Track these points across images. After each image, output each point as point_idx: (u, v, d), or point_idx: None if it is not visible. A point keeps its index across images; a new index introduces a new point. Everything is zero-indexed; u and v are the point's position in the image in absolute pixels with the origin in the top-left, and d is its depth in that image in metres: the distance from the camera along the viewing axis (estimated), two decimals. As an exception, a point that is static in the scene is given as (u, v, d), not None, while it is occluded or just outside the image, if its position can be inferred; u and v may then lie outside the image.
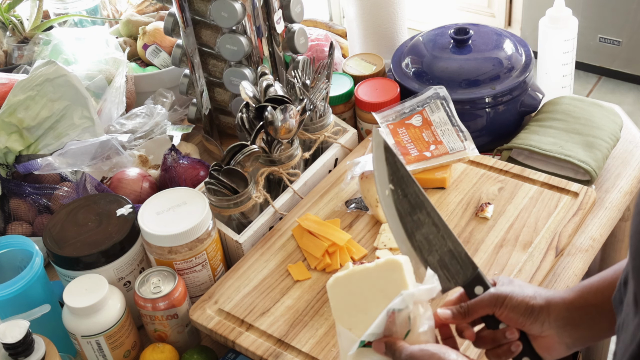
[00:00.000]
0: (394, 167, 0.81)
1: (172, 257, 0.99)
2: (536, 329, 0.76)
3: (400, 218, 0.81)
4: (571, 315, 0.76)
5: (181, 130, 1.30)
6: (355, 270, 0.77)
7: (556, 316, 0.76)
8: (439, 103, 1.19)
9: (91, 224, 1.00)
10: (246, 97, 1.09)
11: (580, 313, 0.76)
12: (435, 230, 0.80)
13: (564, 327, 0.76)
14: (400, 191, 0.81)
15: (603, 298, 0.74)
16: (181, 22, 1.20)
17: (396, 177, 0.81)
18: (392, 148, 0.82)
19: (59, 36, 1.40)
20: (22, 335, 0.84)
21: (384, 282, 0.76)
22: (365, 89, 1.28)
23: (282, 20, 1.22)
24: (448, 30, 1.34)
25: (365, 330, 0.75)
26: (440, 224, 0.80)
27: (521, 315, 0.76)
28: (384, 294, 0.75)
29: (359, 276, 0.77)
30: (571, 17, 1.32)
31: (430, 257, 0.80)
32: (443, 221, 0.81)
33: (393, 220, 0.81)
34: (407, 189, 0.81)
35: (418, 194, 0.81)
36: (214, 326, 0.97)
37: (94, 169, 1.18)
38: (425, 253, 0.81)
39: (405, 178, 0.81)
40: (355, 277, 0.77)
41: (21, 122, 1.18)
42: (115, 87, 1.30)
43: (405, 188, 0.81)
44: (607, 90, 2.94)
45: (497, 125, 1.28)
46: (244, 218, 1.09)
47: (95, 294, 0.93)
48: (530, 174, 1.13)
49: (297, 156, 1.14)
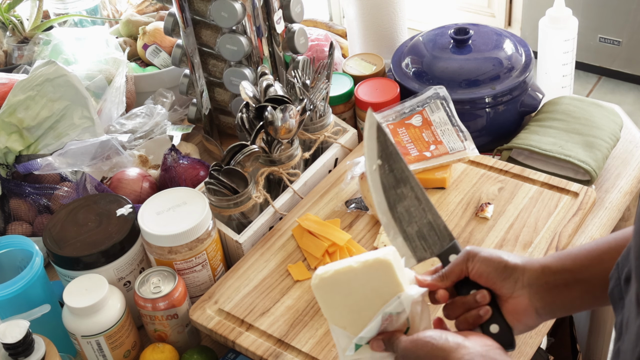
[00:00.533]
0: (384, 145, 0.82)
1: (172, 257, 0.99)
2: (507, 288, 0.76)
3: (384, 191, 0.82)
4: (545, 277, 0.75)
5: (181, 130, 1.30)
6: (340, 271, 0.76)
7: (530, 276, 0.76)
8: (439, 103, 1.19)
9: (91, 224, 1.00)
10: (246, 97, 1.10)
11: (555, 277, 0.75)
12: (417, 203, 0.82)
13: (537, 288, 0.75)
14: (387, 166, 0.82)
15: (581, 266, 0.75)
16: (181, 22, 1.20)
17: (385, 153, 0.82)
18: (384, 128, 0.83)
19: (59, 36, 1.40)
20: (22, 335, 0.84)
21: (374, 282, 0.75)
22: (365, 89, 1.28)
23: (282, 20, 1.22)
24: (448, 30, 1.34)
25: (360, 329, 0.75)
26: (422, 198, 0.82)
27: (494, 270, 0.76)
28: (376, 294, 0.75)
29: (345, 277, 0.76)
30: (571, 17, 1.32)
31: (409, 228, 0.81)
32: (426, 196, 0.82)
33: (377, 192, 0.82)
34: (394, 165, 0.82)
35: (404, 170, 0.82)
36: (214, 326, 0.97)
37: (94, 169, 1.18)
38: (405, 224, 0.82)
39: (393, 155, 0.82)
40: (342, 278, 0.76)
41: (21, 122, 1.18)
42: (115, 87, 1.30)
43: (393, 164, 0.82)
44: (607, 90, 2.94)
45: (497, 125, 1.28)
46: (244, 218, 1.09)
47: (95, 294, 0.93)
48: (530, 174, 1.13)
49: (297, 156, 1.14)
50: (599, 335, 1.54)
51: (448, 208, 1.10)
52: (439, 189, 1.13)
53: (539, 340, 0.98)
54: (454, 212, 1.09)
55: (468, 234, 1.05)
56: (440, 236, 0.81)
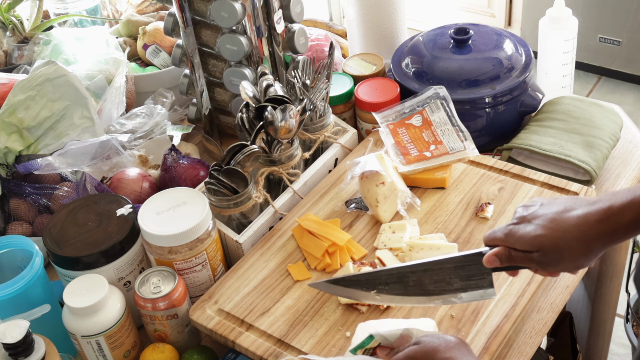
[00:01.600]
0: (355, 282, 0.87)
1: (172, 257, 0.99)
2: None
3: (408, 295, 0.86)
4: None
5: (181, 130, 1.30)
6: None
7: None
8: (439, 103, 1.19)
9: (91, 224, 1.00)
10: (246, 97, 1.09)
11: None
12: (430, 272, 0.84)
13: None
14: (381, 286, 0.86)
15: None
16: (181, 22, 1.20)
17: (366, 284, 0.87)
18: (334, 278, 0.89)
19: (59, 36, 1.40)
20: (22, 335, 0.84)
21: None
22: (365, 89, 1.28)
23: (282, 20, 1.22)
24: (448, 30, 1.34)
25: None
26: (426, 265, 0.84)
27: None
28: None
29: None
30: (571, 17, 1.32)
31: (455, 285, 0.84)
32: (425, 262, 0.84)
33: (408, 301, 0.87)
34: (381, 279, 0.86)
35: (390, 273, 0.86)
36: (214, 326, 0.97)
37: (94, 169, 1.18)
38: (449, 288, 0.84)
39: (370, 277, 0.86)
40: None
41: (21, 122, 1.18)
42: (115, 87, 1.30)
43: (380, 280, 0.86)
44: (607, 90, 2.94)
45: (497, 125, 1.28)
46: (244, 218, 1.09)
47: (95, 294, 0.93)
48: (530, 174, 1.13)
49: (297, 156, 1.14)
50: (599, 335, 1.54)
51: (448, 208, 1.10)
52: (439, 189, 1.13)
53: (539, 340, 0.98)
54: (454, 212, 1.09)
55: (468, 234, 1.05)
56: (474, 261, 0.82)
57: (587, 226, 0.76)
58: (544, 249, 0.78)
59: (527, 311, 0.99)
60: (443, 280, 0.84)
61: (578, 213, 0.77)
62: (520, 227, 0.80)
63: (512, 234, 0.80)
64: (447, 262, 0.83)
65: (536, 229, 0.78)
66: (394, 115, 1.21)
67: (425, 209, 1.10)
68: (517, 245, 0.79)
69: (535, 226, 0.78)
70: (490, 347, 0.90)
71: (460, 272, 0.83)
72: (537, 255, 0.78)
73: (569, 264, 0.78)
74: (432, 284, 0.84)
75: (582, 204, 0.78)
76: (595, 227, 0.76)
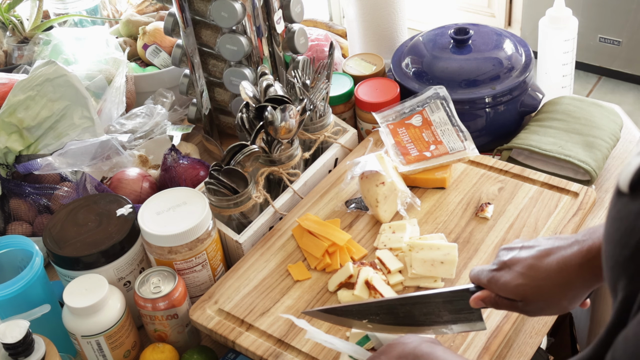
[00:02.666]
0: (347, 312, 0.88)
1: (172, 257, 0.99)
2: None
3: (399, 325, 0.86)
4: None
5: (181, 130, 1.30)
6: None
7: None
8: (439, 103, 1.19)
9: (91, 224, 1.00)
10: (246, 97, 1.09)
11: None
12: (419, 305, 0.85)
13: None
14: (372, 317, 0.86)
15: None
16: (181, 22, 1.20)
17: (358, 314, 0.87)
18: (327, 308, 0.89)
19: (59, 36, 1.40)
20: (22, 335, 0.84)
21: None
22: (365, 89, 1.28)
23: (282, 20, 1.22)
24: (448, 30, 1.34)
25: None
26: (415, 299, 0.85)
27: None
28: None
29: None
30: (571, 17, 1.32)
31: (445, 317, 0.84)
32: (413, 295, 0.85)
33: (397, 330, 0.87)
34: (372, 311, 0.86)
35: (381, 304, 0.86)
36: (214, 326, 0.97)
37: (94, 169, 1.18)
38: (439, 320, 0.84)
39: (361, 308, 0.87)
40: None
41: (21, 122, 1.18)
42: (115, 87, 1.30)
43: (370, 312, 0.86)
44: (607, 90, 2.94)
45: (497, 125, 1.28)
46: (244, 218, 1.09)
47: (95, 294, 0.93)
48: (530, 174, 1.13)
49: (297, 156, 1.14)
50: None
51: (448, 208, 1.10)
52: (439, 189, 1.13)
53: (539, 340, 0.98)
54: (454, 212, 1.09)
55: (468, 234, 1.05)
56: (463, 297, 0.82)
57: (568, 272, 0.73)
58: (526, 299, 0.76)
59: (527, 311, 0.99)
60: (433, 313, 0.84)
61: (558, 258, 0.74)
62: (502, 275, 0.78)
63: (494, 282, 0.78)
64: (435, 297, 0.84)
65: (517, 278, 0.76)
66: (394, 115, 1.21)
67: (425, 209, 1.10)
68: (501, 292, 0.78)
69: (515, 274, 0.76)
70: (491, 347, 0.90)
71: (449, 306, 0.83)
72: (521, 305, 0.77)
73: (554, 309, 0.76)
74: (422, 316, 0.84)
75: (561, 246, 0.75)
76: (577, 271, 0.73)
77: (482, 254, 1.02)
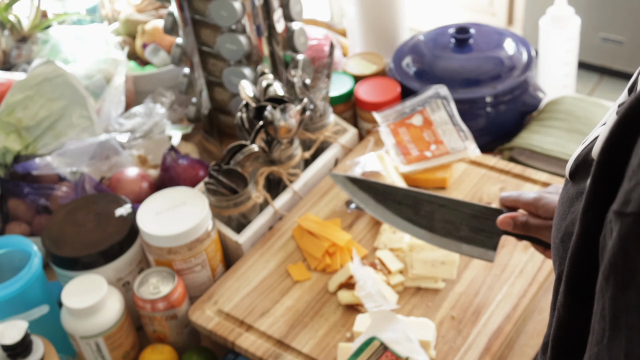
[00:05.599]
0: (372, 189, 0.83)
1: (172, 258, 0.98)
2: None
3: (412, 222, 0.82)
4: None
5: (180, 130, 1.29)
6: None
7: None
8: (439, 102, 1.18)
9: (90, 224, 1.00)
10: (246, 97, 1.09)
11: None
12: (446, 210, 0.82)
13: None
14: (391, 203, 0.82)
15: None
16: (180, 21, 1.19)
17: (379, 195, 0.82)
18: (355, 177, 0.84)
19: (57, 35, 1.39)
20: (20, 336, 0.84)
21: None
22: (365, 88, 1.27)
23: (282, 19, 1.21)
24: (449, 29, 1.33)
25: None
26: (445, 202, 0.82)
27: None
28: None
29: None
30: (573, 16, 1.31)
31: (462, 233, 0.82)
32: (445, 197, 0.82)
33: (409, 228, 0.83)
34: (396, 197, 0.82)
35: (408, 194, 0.82)
36: (214, 327, 0.97)
37: (92, 169, 1.18)
38: (455, 232, 0.82)
39: (387, 190, 0.82)
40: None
41: (19, 122, 1.18)
42: (114, 87, 1.29)
43: (394, 197, 0.82)
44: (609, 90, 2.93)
45: (498, 124, 1.27)
46: (244, 218, 1.09)
47: (94, 295, 0.93)
48: (532, 174, 1.13)
49: (297, 156, 1.14)
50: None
51: (449, 208, 1.09)
52: (439, 189, 1.13)
53: (540, 341, 0.98)
54: (454, 212, 1.09)
55: (469, 234, 1.05)
56: (491, 216, 0.80)
57: None
58: None
59: (528, 312, 0.98)
60: (452, 223, 0.82)
61: None
62: (552, 195, 0.78)
63: (541, 198, 0.78)
64: (465, 206, 0.82)
65: None
66: (395, 115, 1.20)
67: (426, 209, 1.10)
68: (541, 211, 0.78)
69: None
70: (492, 348, 0.89)
71: (472, 222, 0.81)
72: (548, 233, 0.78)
73: None
74: (440, 222, 0.82)
75: None
76: None
77: (483, 254, 1.01)
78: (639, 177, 0.40)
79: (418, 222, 0.83)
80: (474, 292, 0.96)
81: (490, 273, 0.98)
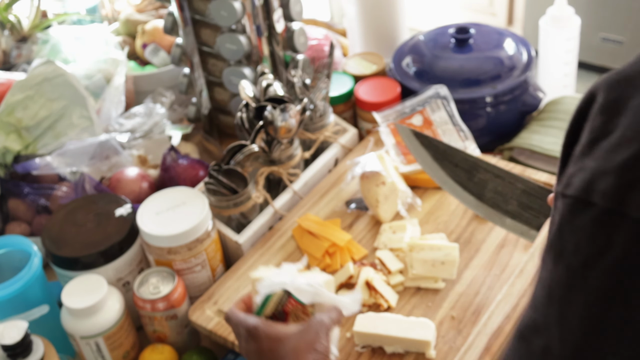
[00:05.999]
0: (433, 147, 0.82)
1: (172, 258, 0.98)
2: None
3: (463, 187, 0.81)
4: None
5: (180, 130, 1.29)
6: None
7: None
8: (439, 102, 1.18)
9: (90, 224, 1.00)
10: (246, 97, 1.09)
11: None
12: (500, 181, 0.81)
13: None
14: (448, 164, 0.81)
15: None
16: (180, 21, 1.19)
17: (438, 154, 0.81)
18: (420, 133, 0.83)
19: (57, 35, 1.39)
20: (20, 336, 0.84)
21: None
22: (365, 88, 1.27)
23: (282, 19, 1.21)
24: (449, 29, 1.33)
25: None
26: (502, 173, 0.81)
27: None
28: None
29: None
30: (573, 16, 1.31)
31: (510, 207, 0.81)
32: (503, 169, 0.81)
33: (458, 192, 0.82)
34: (455, 159, 0.81)
35: (467, 158, 0.81)
36: (214, 327, 0.97)
37: (92, 169, 1.18)
38: (502, 205, 0.81)
39: (447, 151, 0.81)
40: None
41: (19, 122, 1.18)
42: (114, 87, 1.29)
43: (452, 159, 0.81)
44: (609, 90, 2.93)
45: (498, 124, 1.27)
46: (244, 218, 1.09)
47: (94, 295, 0.93)
48: (532, 173, 1.13)
49: (297, 156, 1.14)
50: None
51: (449, 208, 1.09)
52: (439, 189, 1.13)
53: (540, 341, 0.98)
54: (454, 212, 1.08)
55: (469, 234, 1.05)
56: (542, 196, 0.79)
57: None
58: None
59: (528, 312, 0.98)
60: (503, 196, 0.81)
61: None
62: None
63: None
64: (519, 182, 0.81)
65: None
66: (395, 115, 1.20)
67: (426, 209, 1.10)
68: None
69: None
70: (492, 348, 0.89)
71: (522, 198, 0.80)
72: None
73: None
74: (491, 192, 0.81)
75: None
76: None
77: (483, 254, 1.01)
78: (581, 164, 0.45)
79: (469, 188, 0.82)
80: (474, 292, 0.96)
81: (490, 273, 0.98)
